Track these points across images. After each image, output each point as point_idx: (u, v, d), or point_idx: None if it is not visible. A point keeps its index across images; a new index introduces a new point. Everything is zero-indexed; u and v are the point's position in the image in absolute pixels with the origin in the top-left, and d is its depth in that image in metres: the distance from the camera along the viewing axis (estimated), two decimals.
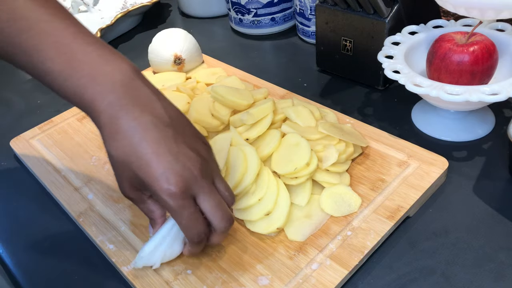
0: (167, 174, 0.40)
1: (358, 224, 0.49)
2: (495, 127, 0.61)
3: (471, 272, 0.45)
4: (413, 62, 0.62)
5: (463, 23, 0.64)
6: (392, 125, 0.64)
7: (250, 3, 0.87)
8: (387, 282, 0.45)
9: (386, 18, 0.64)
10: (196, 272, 0.47)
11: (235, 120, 0.59)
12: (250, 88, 0.70)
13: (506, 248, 0.47)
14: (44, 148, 0.67)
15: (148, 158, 0.40)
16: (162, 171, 0.40)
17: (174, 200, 0.41)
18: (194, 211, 0.42)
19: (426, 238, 0.49)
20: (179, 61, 0.75)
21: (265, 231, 0.49)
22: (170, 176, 0.40)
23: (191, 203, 0.42)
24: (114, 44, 0.98)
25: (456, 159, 0.58)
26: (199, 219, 0.43)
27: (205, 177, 0.42)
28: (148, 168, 0.40)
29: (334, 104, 0.70)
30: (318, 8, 0.71)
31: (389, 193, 0.52)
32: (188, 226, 0.42)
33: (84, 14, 1.02)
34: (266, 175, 0.52)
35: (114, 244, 0.51)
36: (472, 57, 0.54)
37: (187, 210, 0.41)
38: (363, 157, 0.58)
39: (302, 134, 0.55)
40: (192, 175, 0.41)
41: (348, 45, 0.70)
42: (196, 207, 0.42)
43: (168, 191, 0.40)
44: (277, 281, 0.45)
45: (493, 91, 0.52)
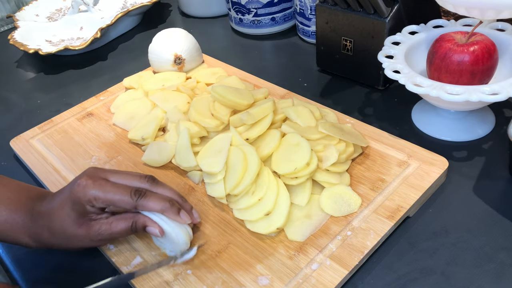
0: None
1: (358, 224, 0.49)
2: (495, 127, 0.61)
3: (471, 272, 0.45)
4: (413, 62, 0.62)
5: (463, 23, 0.64)
6: (392, 125, 0.64)
7: (250, 3, 0.87)
8: (387, 282, 0.45)
9: (386, 18, 0.64)
10: (196, 272, 0.47)
11: (235, 120, 0.59)
12: (250, 88, 0.70)
13: (506, 248, 0.47)
14: (44, 148, 0.67)
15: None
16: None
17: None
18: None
19: (426, 238, 0.49)
20: (179, 61, 0.75)
21: (265, 231, 0.49)
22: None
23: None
24: (114, 44, 0.98)
25: (456, 159, 0.58)
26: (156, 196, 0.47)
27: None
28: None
29: (334, 104, 0.70)
30: (318, 8, 0.71)
31: (389, 193, 0.52)
32: (155, 206, 0.47)
33: (84, 14, 1.02)
34: (266, 175, 0.52)
35: (114, 244, 0.51)
36: (472, 57, 0.54)
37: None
38: (363, 157, 0.58)
39: (302, 134, 0.55)
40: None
41: (348, 45, 0.70)
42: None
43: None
44: (277, 281, 0.45)
45: (493, 91, 0.52)
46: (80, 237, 0.47)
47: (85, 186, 0.46)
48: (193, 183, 0.58)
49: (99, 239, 0.47)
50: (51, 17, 1.06)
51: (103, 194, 0.46)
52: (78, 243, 0.48)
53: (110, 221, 0.47)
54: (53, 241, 0.48)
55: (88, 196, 0.46)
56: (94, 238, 0.47)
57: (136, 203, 0.46)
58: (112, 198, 0.46)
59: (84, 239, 0.47)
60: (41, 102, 0.82)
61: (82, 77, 0.88)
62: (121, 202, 0.46)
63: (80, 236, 0.47)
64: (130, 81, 0.77)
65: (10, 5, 1.12)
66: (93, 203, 0.46)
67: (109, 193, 0.46)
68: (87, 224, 0.47)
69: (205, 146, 0.58)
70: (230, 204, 0.53)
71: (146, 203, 0.46)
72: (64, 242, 0.48)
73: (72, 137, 0.68)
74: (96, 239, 0.47)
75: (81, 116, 0.73)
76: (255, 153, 0.53)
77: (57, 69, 0.91)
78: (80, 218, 0.46)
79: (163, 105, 0.66)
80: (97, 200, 0.46)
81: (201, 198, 0.56)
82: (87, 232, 0.47)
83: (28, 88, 0.87)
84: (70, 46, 0.88)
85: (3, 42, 1.05)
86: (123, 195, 0.46)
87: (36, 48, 0.88)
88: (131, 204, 0.46)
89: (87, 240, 0.47)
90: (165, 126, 0.65)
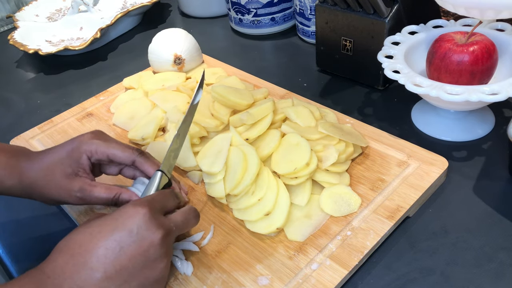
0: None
1: (358, 224, 0.49)
2: (495, 127, 0.61)
3: (471, 272, 0.45)
4: (413, 62, 0.62)
5: (463, 23, 0.64)
6: (392, 125, 0.64)
7: (250, 3, 0.87)
8: (387, 282, 0.45)
9: (386, 18, 0.64)
10: (196, 272, 0.47)
11: (235, 120, 0.59)
12: (250, 88, 0.70)
13: (506, 248, 0.47)
14: (44, 148, 0.67)
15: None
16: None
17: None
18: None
19: (426, 238, 0.49)
20: (179, 61, 0.75)
21: (265, 231, 0.49)
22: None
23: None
24: (114, 44, 0.98)
25: (456, 159, 0.58)
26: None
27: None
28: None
29: (334, 104, 0.70)
30: (318, 8, 0.71)
31: (389, 193, 0.52)
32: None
33: (84, 14, 1.02)
34: (266, 175, 0.52)
35: None
36: (472, 57, 0.54)
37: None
38: (363, 157, 0.58)
39: (302, 134, 0.55)
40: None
41: (348, 45, 0.70)
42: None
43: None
44: (277, 281, 0.45)
45: (493, 91, 0.52)
46: (60, 186, 0.48)
47: (90, 137, 0.49)
48: (193, 183, 0.58)
49: (77, 196, 0.48)
50: (51, 17, 1.06)
51: (105, 146, 0.49)
52: (55, 193, 0.48)
53: (94, 184, 0.48)
54: (34, 185, 0.48)
55: (89, 146, 0.48)
56: (72, 194, 0.48)
57: (135, 158, 0.49)
58: (113, 150, 0.49)
59: (63, 191, 0.48)
60: (41, 102, 0.82)
61: (82, 77, 0.88)
62: (121, 155, 0.49)
63: (61, 185, 0.48)
64: (130, 81, 0.77)
65: (10, 5, 1.12)
66: (92, 154, 0.48)
67: (111, 144, 0.49)
68: (72, 177, 0.48)
69: (205, 146, 0.58)
70: (230, 204, 0.53)
71: (144, 162, 0.49)
72: (44, 188, 0.48)
73: (72, 137, 0.68)
74: (74, 195, 0.48)
75: (81, 116, 0.73)
76: (255, 153, 0.53)
77: (57, 69, 0.91)
78: (69, 167, 0.48)
79: (163, 105, 0.66)
80: (97, 152, 0.48)
81: (201, 198, 0.56)
82: (69, 184, 0.48)
83: (28, 88, 0.87)
84: (70, 46, 0.88)
85: (3, 42, 1.05)
86: (124, 149, 0.49)
87: (36, 48, 0.88)
88: (130, 158, 0.49)
89: (64, 193, 0.48)
90: (165, 126, 0.65)
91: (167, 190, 0.46)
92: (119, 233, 0.39)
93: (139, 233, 0.39)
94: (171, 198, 0.45)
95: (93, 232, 0.39)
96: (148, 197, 0.43)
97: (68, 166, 0.48)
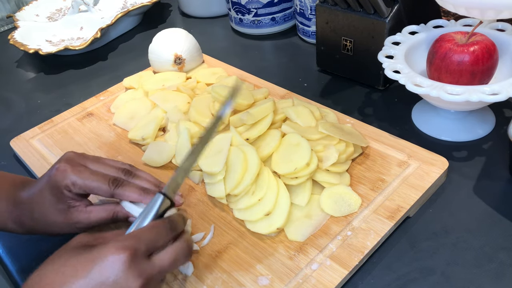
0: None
1: (358, 224, 0.49)
2: (495, 127, 0.61)
3: (471, 272, 0.45)
4: (413, 62, 0.62)
5: (463, 23, 0.64)
6: (392, 125, 0.64)
7: (250, 3, 0.87)
8: (387, 282, 0.45)
9: (386, 18, 0.64)
10: (196, 272, 0.47)
11: (235, 120, 0.59)
12: (250, 88, 0.70)
13: (506, 248, 0.47)
14: (44, 148, 0.67)
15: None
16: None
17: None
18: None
19: (426, 238, 0.49)
20: (180, 61, 0.75)
21: (265, 231, 0.49)
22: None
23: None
24: (114, 44, 0.98)
25: (456, 159, 0.58)
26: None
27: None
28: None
29: (334, 104, 0.70)
30: (319, 8, 0.71)
31: (389, 193, 0.52)
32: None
33: (84, 14, 1.02)
34: (266, 175, 0.52)
35: None
36: (472, 57, 0.54)
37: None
38: (363, 157, 0.58)
39: (302, 134, 0.55)
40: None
41: (348, 45, 0.70)
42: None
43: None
44: (277, 281, 0.45)
45: (493, 91, 0.52)
46: (59, 223, 0.47)
47: (64, 171, 0.46)
48: (193, 183, 0.58)
49: (77, 227, 0.47)
50: (51, 17, 1.06)
51: (81, 180, 0.46)
52: (57, 229, 0.48)
53: (89, 210, 0.47)
54: (35, 226, 0.48)
55: (66, 181, 0.46)
56: (72, 226, 0.47)
57: (113, 192, 0.46)
58: (90, 185, 0.46)
59: (63, 225, 0.47)
60: (41, 102, 0.82)
61: (82, 77, 0.88)
62: (99, 190, 0.46)
63: (59, 222, 0.47)
64: (130, 81, 0.77)
65: (10, 5, 1.12)
66: (71, 188, 0.46)
67: (87, 179, 0.46)
68: (66, 211, 0.47)
69: None
70: (230, 204, 0.53)
71: (123, 193, 0.46)
72: (45, 228, 0.48)
73: (72, 137, 0.68)
74: (74, 226, 0.47)
75: (81, 116, 0.73)
76: (255, 153, 0.53)
77: (57, 69, 0.91)
78: (59, 204, 0.47)
79: (163, 105, 0.66)
80: (74, 185, 0.46)
81: (201, 198, 0.56)
82: (65, 219, 0.47)
83: (28, 88, 0.87)
84: (70, 46, 0.88)
85: (3, 42, 1.05)
86: (100, 183, 0.46)
87: (36, 48, 0.88)
88: (108, 192, 0.46)
89: (65, 227, 0.47)
90: (165, 126, 0.65)
91: (162, 222, 0.41)
92: (93, 280, 0.36)
93: (115, 282, 0.36)
94: (164, 233, 0.41)
95: (66, 272, 0.36)
96: (135, 236, 0.39)
97: (57, 204, 0.47)
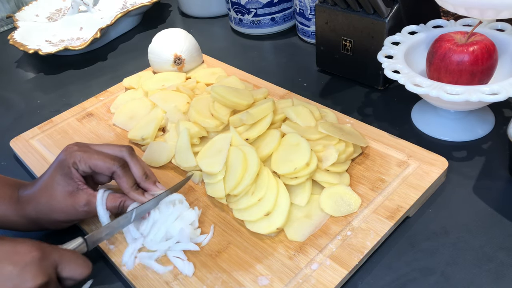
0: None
1: (358, 224, 0.49)
2: (495, 127, 0.61)
3: (471, 272, 0.45)
4: (413, 62, 0.62)
5: (463, 23, 0.64)
6: (392, 125, 0.64)
7: (250, 3, 0.87)
8: (387, 282, 0.45)
9: (386, 18, 0.64)
10: (196, 272, 0.47)
11: (235, 120, 0.59)
12: (250, 88, 0.70)
13: (506, 248, 0.47)
14: (44, 148, 0.67)
15: None
16: None
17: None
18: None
19: (426, 238, 0.49)
20: (179, 61, 0.75)
21: (265, 231, 0.49)
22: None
23: None
24: (114, 44, 0.98)
25: (456, 159, 0.58)
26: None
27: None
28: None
29: (334, 104, 0.70)
30: (318, 8, 0.71)
31: (389, 193, 0.52)
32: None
33: (84, 14, 1.02)
34: (266, 175, 0.52)
35: (114, 244, 0.51)
36: (472, 57, 0.54)
37: None
38: (363, 157, 0.58)
39: (302, 134, 0.55)
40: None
41: (348, 45, 0.70)
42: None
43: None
44: (277, 281, 0.45)
45: (493, 91, 0.52)
46: (65, 208, 0.49)
47: (72, 150, 0.50)
48: (193, 183, 0.58)
49: (84, 211, 0.49)
50: (51, 17, 1.06)
51: (87, 156, 0.49)
52: (62, 214, 0.49)
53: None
54: (39, 215, 0.49)
55: (73, 158, 0.49)
56: (79, 208, 0.49)
57: (115, 169, 0.50)
58: (95, 161, 0.49)
59: (69, 210, 0.49)
60: (41, 102, 0.82)
61: (82, 77, 0.88)
62: (102, 166, 0.49)
63: (65, 207, 0.48)
64: (130, 81, 0.77)
65: (10, 5, 1.12)
66: (78, 165, 0.49)
67: (93, 155, 0.50)
68: (74, 194, 0.49)
69: (205, 146, 0.58)
70: (230, 204, 0.53)
71: (123, 174, 0.50)
72: (49, 215, 0.49)
73: (72, 138, 0.68)
74: (81, 209, 0.49)
75: (81, 116, 0.73)
76: (255, 153, 0.53)
77: (57, 69, 0.91)
78: (68, 185, 0.49)
79: (163, 105, 0.66)
80: (81, 162, 0.49)
81: (201, 198, 0.56)
82: (73, 202, 0.49)
83: (28, 88, 0.87)
84: (70, 46, 0.88)
85: (3, 42, 1.05)
86: (105, 160, 0.50)
87: (36, 48, 0.88)
88: (110, 169, 0.50)
89: (71, 212, 0.49)
90: (165, 126, 0.65)
91: (81, 260, 0.44)
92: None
93: (11, 274, 0.38)
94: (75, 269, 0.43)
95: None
96: (54, 246, 0.43)
97: (66, 185, 0.49)
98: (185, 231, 0.49)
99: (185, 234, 0.49)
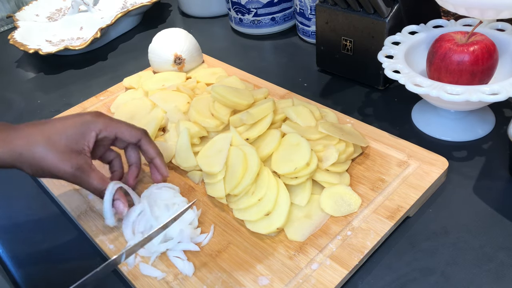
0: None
1: (358, 224, 0.49)
2: (495, 127, 0.61)
3: (471, 272, 0.45)
4: (413, 62, 0.62)
5: (463, 23, 0.64)
6: (392, 125, 0.64)
7: (250, 3, 0.87)
8: (387, 282, 0.45)
9: (386, 17, 0.64)
10: (196, 272, 0.47)
11: (235, 120, 0.59)
12: (250, 88, 0.70)
13: (506, 248, 0.47)
14: None
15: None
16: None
17: None
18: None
19: (426, 238, 0.49)
20: (179, 61, 0.75)
21: (265, 231, 0.49)
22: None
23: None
24: (114, 44, 0.98)
25: (456, 159, 0.58)
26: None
27: None
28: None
29: (334, 104, 0.70)
30: (318, 8, 0.71)
31: (389, 193, 0.52)
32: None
33: (84, 14, 1.02)
34: (266, 175, 0.52)
35: (114, 244, 0.51)
36: (472, 57, 0.54)
37: None
38: (363, 157, 0.58)
39: (302, 134, 0.55)
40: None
41: (348, 44, 0.70)
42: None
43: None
44: (277, 281, 0.45)
45: (493, 91, 0.52)
46: (62, 158, 0.47)
47: (99, 115, 0.51)
48: (193, 183, 0.58)
49: (73, 173, 0.48)
50: (51, 17, 1.06)
51: (114, 123, 0.51)
52: (52, 164, 0.47)
53: (94, 168, 0.50)
54: (30, 149, 0.47)
55: (99, 124, 0.50)
56: (70, 169, 0.48)
57: (142, 137, 0.52)
58: (122, 129, 0.51)
59: (63, 162, 0.47)
60: (41, 102, 0.82)
61: (82, 77, 0.88)
62: (129, 133, 0.52)
63: (62, 157, 0.47)
64: (130, 81, 0.77)
65: (10, 5, 1.12)
66: (101, 131, 0.50)
67: (119, 123, 0.52)
68: (76, 153, 0.48)
69: (205, 146, 0.58)
70: (230, 204, 0.53)
71: (149, 141, 0.53)
72: (42, 156, 0.47)
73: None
74: (71, 170, 0.48)
75: None
76: (255, 153, 0.53)
77: (57, 69, 0.91)
78: (75, 143, 0.48)
79: (163, 105, 0.66)
80: (107, 128, 0.50)
81: (201, 198, 0.56)
82: (70, 158, 0.48)
83: (28, 88, 0.87)
84: (70, 46, 0.88)
85: (3, 42, 1.05)
86: (131, 127, 0.52)
87: (36, 48, 0.88)
88: (137, 136, 0.52)
89: (63, 165, 0.47)
90: (165, 126, 0.65)
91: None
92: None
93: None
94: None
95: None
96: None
97: (74, 141, 0.48)
98: (185, 232, 0.49)
99: (185, 234, 0.49)
